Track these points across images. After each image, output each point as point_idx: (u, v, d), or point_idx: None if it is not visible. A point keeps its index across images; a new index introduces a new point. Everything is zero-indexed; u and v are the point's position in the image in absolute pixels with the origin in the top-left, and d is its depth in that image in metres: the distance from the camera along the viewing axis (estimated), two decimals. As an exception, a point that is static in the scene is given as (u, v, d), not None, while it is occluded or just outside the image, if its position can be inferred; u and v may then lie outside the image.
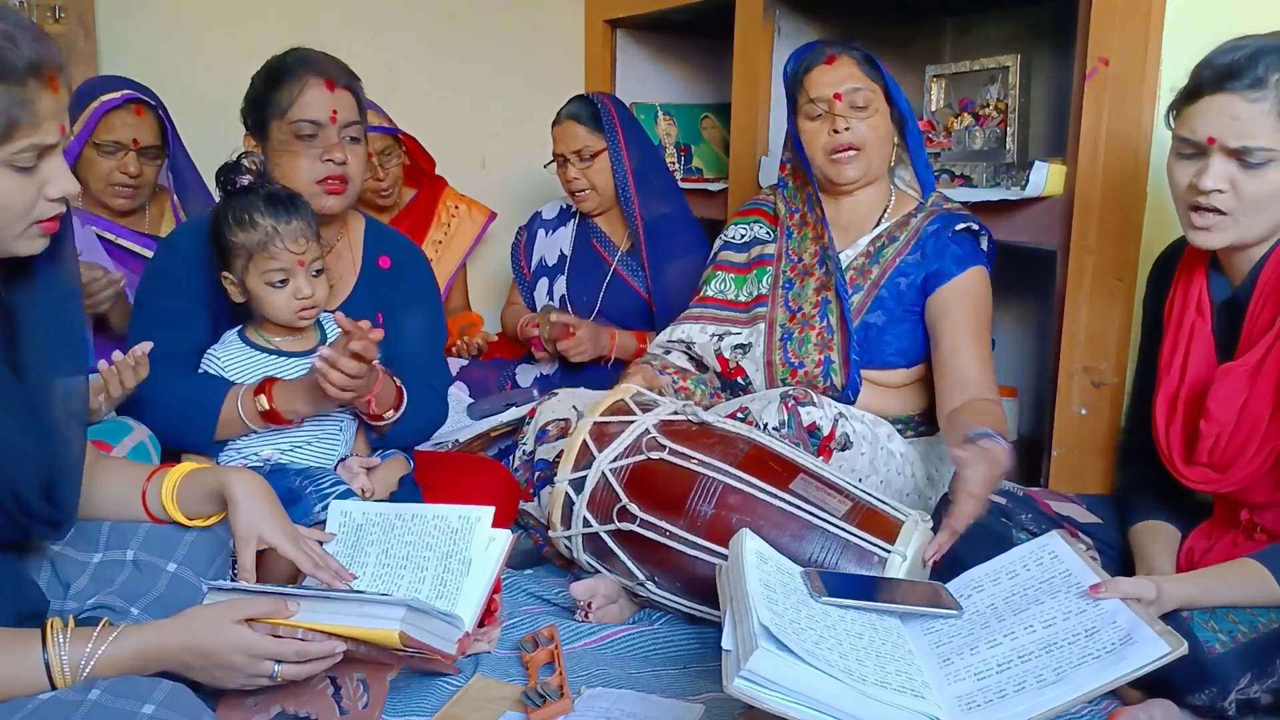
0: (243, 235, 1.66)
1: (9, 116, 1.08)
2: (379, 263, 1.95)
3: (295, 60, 1.81)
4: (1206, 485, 1.53)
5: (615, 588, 1.77)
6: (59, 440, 1.23)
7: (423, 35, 3.23)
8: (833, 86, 1.94)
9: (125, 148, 2.27)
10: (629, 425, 1.73)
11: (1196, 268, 1.59)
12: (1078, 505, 1.73)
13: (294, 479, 1.68)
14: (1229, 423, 1.47)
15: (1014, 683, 1.17)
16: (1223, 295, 1.56)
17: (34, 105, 1.09)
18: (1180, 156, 1.49)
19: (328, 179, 1.79)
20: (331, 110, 1.78)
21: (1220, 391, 1.48)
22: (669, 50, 3.44)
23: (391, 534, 1.48)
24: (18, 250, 1.16)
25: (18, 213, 1.13)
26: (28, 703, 1.07)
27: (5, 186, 1.11)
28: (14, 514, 1.19)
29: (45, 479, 1.22)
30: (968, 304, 1.92)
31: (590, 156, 2.55)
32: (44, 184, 1.14)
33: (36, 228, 1.16)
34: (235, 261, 1.69)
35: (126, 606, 1.26)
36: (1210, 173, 1.43)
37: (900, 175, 2.10)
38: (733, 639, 1.15)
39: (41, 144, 1.11)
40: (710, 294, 2.20)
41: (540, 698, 1.44)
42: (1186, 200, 1.49)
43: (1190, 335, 1.57)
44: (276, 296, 1.68)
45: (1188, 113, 1.46)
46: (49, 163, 1.14)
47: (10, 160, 1.10)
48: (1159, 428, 1.59)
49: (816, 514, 1.55)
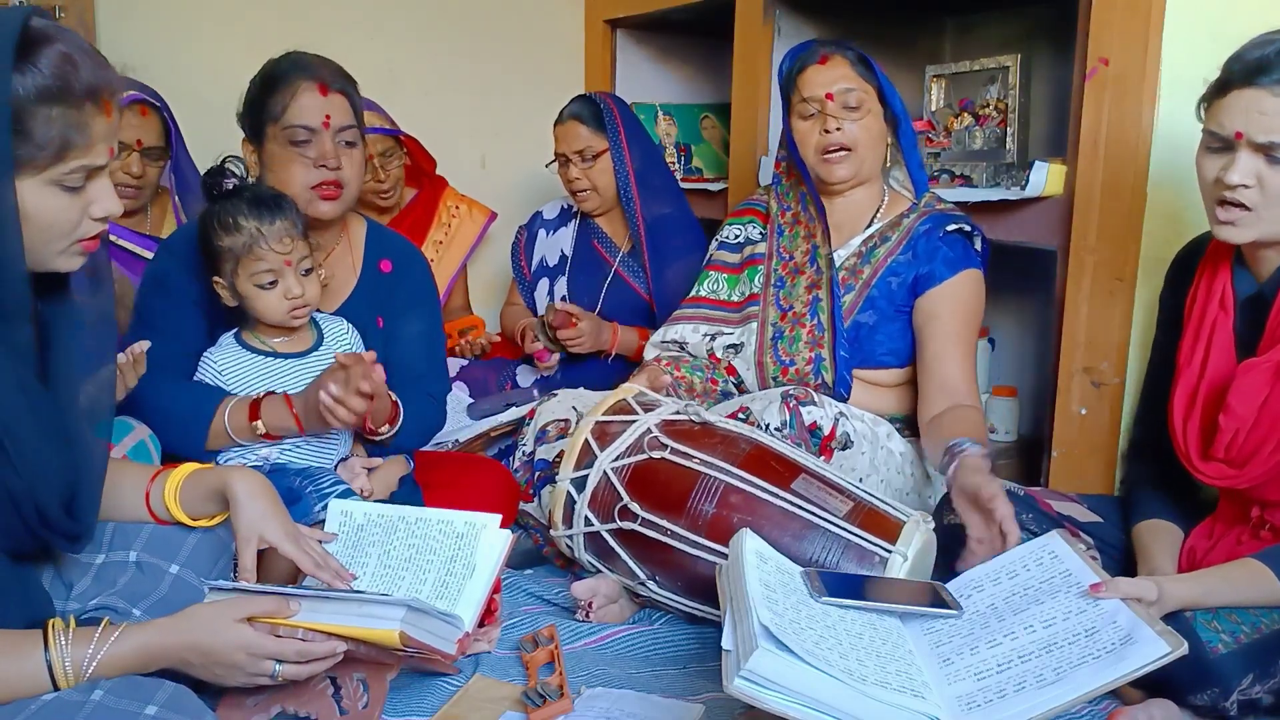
0: (228, 239, 1.66)
1: (64, 138, 1.09)
2: (380, 267, 1.95)
3: (289, 65, 1.81)
4: (1222, 481, 1.53)
5: (616, 587, 1.77)
6: (84, 455, 1.24)
7: (423, 35, 3.23)
8: (825, 86, 1.95)
9: (129, 148, 2.27)
10: (631, 424, 1.73)
11: (1221, 263, 1.59)
12: (1079, 505, 1.73)
13: (294, 478, 1.68)
14: (1249, 418, 1.47)
15: (1014, 683, 1.17)
16: (1248, 291, 1.56)
17: (89, 128, 1.10)
18: (1208, 150, 1.49)
19: (322, 184, 1.79)
20: (325, 115, 1.78)
21: (1242, 387, 1.48)
22: (669, 50, 3.44)
23: (393, 535, 1.48)
24: (57, 266, 1.17)
25: (62, 230, 1.14)
26: (31, 704, 1.08)
27: (52, 205, 1.11)
28: (35, 526, 1.19)
29: (67, 493, 1.22)
30: (956, 309, 1.93)
31: (592, 156, 2.55)
32: (89, 204, 1.15)
33: (78, 245, 1.16)
34: (224, 265, 1.68)
35: (129, 608, 1.26)
36: (1237, 167, 1.43)
37: (894, 175, 2.11)
38: (733, 639, 1.15)
39: (92, 165, 1.13)
40: (703, 294, 2.20)
41: (540, 698, 1.44)
42: (1213, 194, 1.49)
43: (1212, 331, 1.57)
44: (267, 298, 1.68)
45: (1216, 107, 1.46)
46: (96, 183, 1.15)
47: (60, 180, 1.11)
48: (1176, 422, 1.59)
49: (818, 514, 1.55)
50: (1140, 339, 1.93)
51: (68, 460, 1.21)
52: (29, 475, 1.16)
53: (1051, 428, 2.06)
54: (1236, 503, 1.57)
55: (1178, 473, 1.62)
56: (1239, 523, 1.56)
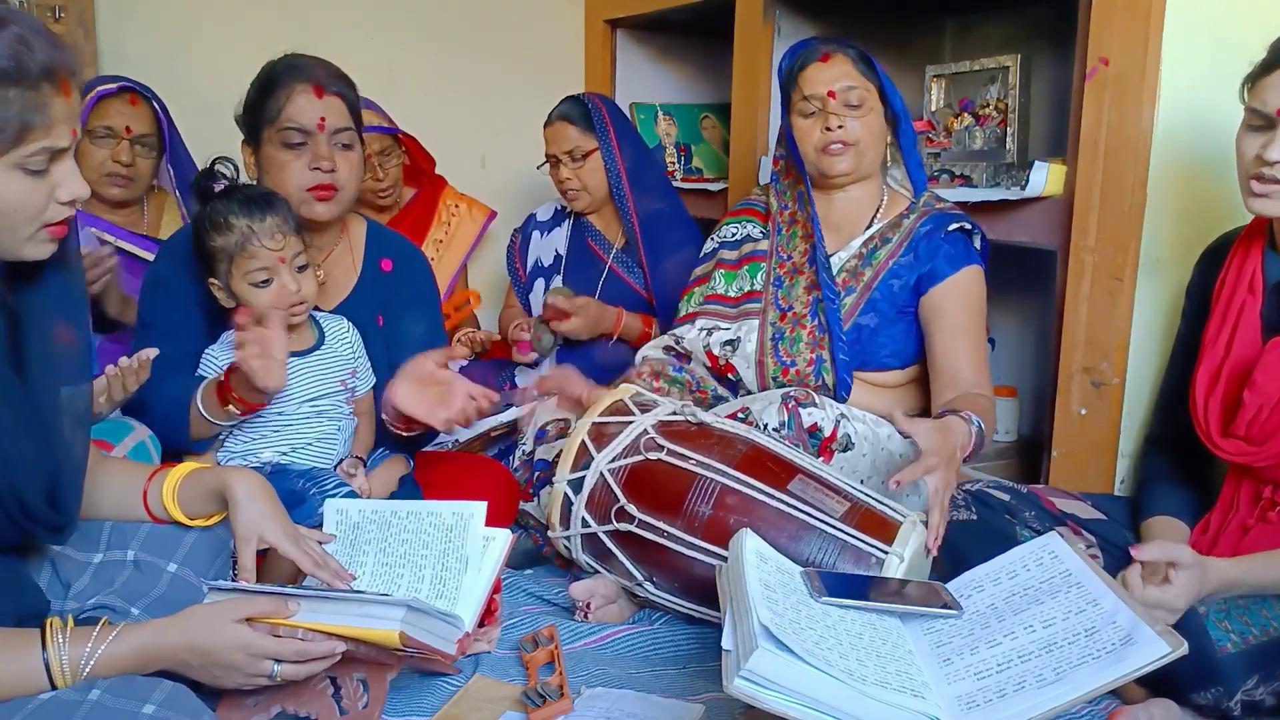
0: (220, 239, 1.66)
1: (22, 120, 1.08)
2: (381, 266, 1.95)
3: (285, 68, 1.81)
4: (1241, 457, 1.53)
5: (615, 588, 1.77)
6: (62, 445, 1.23)
7: (423, 35, 3.23)
8: (827, 84, 1.95)
9: (118, 135, 2.28)
10: (627, 425, 1.73)
11: (1254, 248, 1.60)
12: (1081, 502, 1.73)
13: (296, 480, 1.68)
14: (1274, 395, 1.48)
15: (1014, 682, 1.17)
16: (1278, 275, 1.57)
17: (47, 109, 1.10)
18: (1250, 129, 1.50)
19: (317, 187, 1.79)
20: (320, 117, 1.78)
21: (1270, 364, 1.49)
22: (669, 50, 3.44)
23: (388, 531, 1.48)
24: (25, 254, 1.16)
25: (28, 215, 1.13)
26: (28, 703, 1.08)
27: (16, 189, 1.11)
28: (17, 517, 1.19)
29: (48, 483, 1.22)
30: (960, 303, 1.93)
31: (582, 156, 2.56)
32: (55, 187, 1.14)
33: (45, 232, 1.16)
34: (219, 266, 1.68)
35: (127, 607, 1.26)
36: (1277, 144, 1.44)
37: (893, 174, 2.10)
38: (733, 639, 1.15)
39: (54, 147, 1.12)
40: (717, 291, 2.19)
41: (540, 698, 1.44)
42: (1250, 170, 1.50)
43: (1240, 313, 1.58)
44: (262, 296, 1.67)
45: (1260, 86, 1.47)
46: (60, 166, 1.14)
47: (22, 163, 1.10)
48: (1198, 399, 1.59)
49: (814, 515, 1.55)
50: (1140, 339, 1.93)
51: (47, 451, 1.21)
52: (8, 467, 1.16)
53: (1051, 428, 2.06)
54: (1245, 485, 1.57)
55: (1192, 468, 1.62)
56: (1242, 509, 1.56)
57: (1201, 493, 1.67)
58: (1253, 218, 1.60)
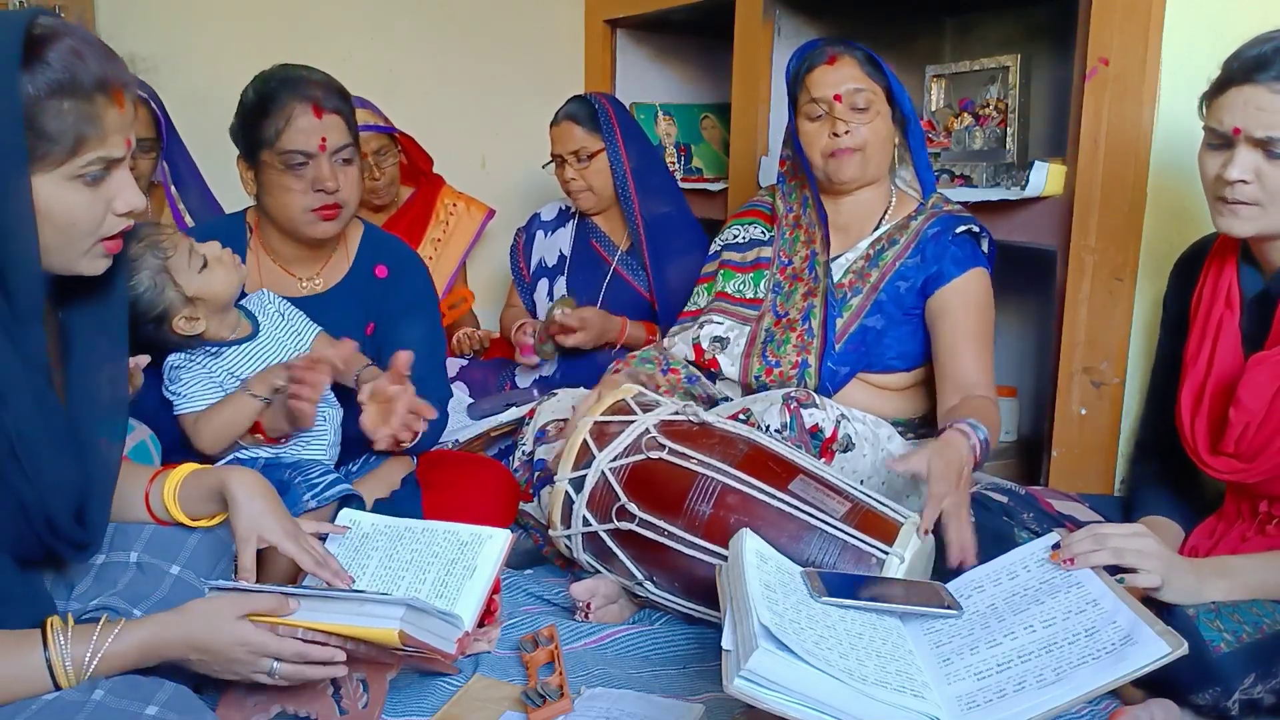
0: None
1: (78, 131, 1.09)
2: (375, 272, 1.94)
3: (279, 85, 1.78)
4: (1232, 475, 1.53)
5: (615, 588, 1.77)
6: (97, 464, 1.24)
7: (423, 35, 3.23)
8: (834, 87, 1.94)
9: None
10: (629, 425, 1.73)
11: (1227, 261, 1.60)
12: (1079, 504, 1.73)
13: (284, 471, 1.69)
14: (1260, 412, 1.48)
15: (1014, 683, 1.17)
16: (1255, 288, 1.57)
17: (101, 120, 1.11)
18: (1209, 148, 1.50)
19: (322, 208, 1.79)
20: (320, 138, 1.76)
21: (1252, 380, 1.48)
22: (669, 50, 3.44)
23: (398, 543, 1.49)
24: (82, 269, 1.17)
25: (87, 229, 1.14)
26: (32, 704, 1.08)
27: (74, 200, 1.12)
28: (44, 535, 1.19)
29: (78, 502, 1.22)
30: (967, 305, 1.92)
31: (588, 157, 2.55)
32: (111, 199, 1.15)
33: (101, 246, 1.16)
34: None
35: (129, 608, 1.26)
36: (1236, 163, 1.44)
37: (901, 175, 2.10)
38: (733, 639, 1.15)
39: (109, 157, 1.13)
40: (727, 290, 2.18)
41: (540, 698, 1.44)
42: (1214, 191, 1.50)
43: (1218, 328, 1.57)
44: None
45: (1216, 104, 1.48)
46: (116, 177, 1.15)
47: (79, 173, 1.11)
48: (1184, 419, 1.59)
49: (815, 515, 1.55)
50: (1140, 339, 1.93)
51: (80, 470, 1.21)
52: (41, 485, 1.16)
53: (1051, 428, 2.06)
54: (1243, 499, 1.57)
55: (1182, 472, 1.62)
56: (1244, 519, 1.56)
57: (1191, 496, 1.67)
58: None
